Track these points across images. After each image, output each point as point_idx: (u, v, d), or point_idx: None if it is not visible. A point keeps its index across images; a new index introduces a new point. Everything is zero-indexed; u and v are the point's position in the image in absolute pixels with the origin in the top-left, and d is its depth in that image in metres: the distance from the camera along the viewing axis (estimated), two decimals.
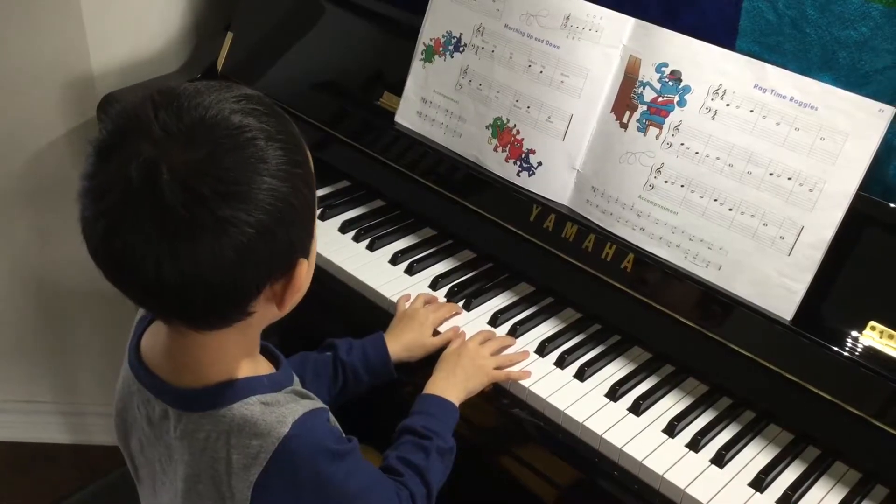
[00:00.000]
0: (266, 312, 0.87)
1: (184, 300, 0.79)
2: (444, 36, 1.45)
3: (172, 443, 0.90)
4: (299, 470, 0.86)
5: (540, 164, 1.35)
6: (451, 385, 1.16)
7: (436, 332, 1.28)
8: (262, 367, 0.93)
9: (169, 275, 0.76)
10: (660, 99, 1.23)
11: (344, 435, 0.94)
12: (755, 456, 1.13)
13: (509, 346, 1.27)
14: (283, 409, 0.86)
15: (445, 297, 1.36)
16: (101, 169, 0.76)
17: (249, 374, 0.90)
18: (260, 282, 0.81)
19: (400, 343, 1.23)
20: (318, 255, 1.41)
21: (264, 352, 0.96)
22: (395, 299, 1.34)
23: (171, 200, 0.73)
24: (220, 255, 0.76)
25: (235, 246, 0.76)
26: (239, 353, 0.89)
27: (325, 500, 0.89)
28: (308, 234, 0.85)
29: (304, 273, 0.85)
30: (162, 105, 0.77)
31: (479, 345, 1.23)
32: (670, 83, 1.22)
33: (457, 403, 1.15)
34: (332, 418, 0.94)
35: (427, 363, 1.23)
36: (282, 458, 0.85)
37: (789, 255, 1.13)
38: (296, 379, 0.96)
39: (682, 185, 1.21)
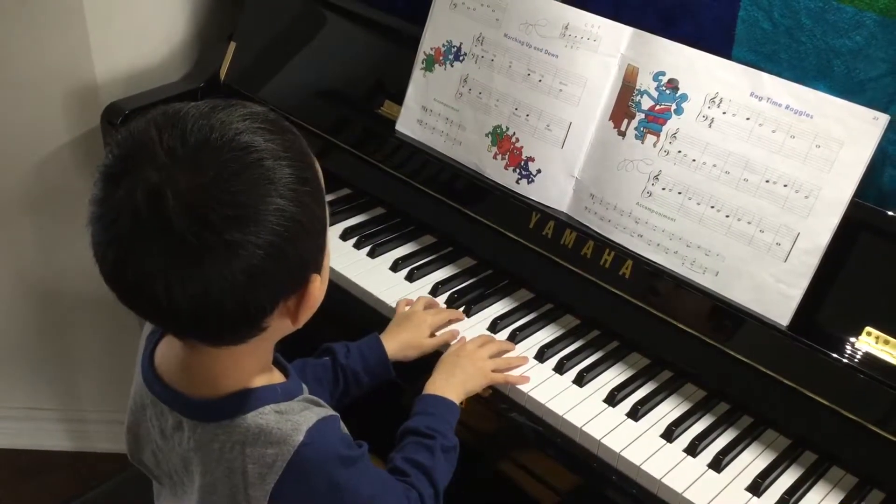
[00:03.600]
0: (280, 327, 0.87)
1: (197, 322, 0.80)
2: (444, 45, 1.46)
3: (186, 454, 0.90)
4: (314, 477, 0.87)
5: (539, 171, 1.36)
6: (451, 385, 1.17)
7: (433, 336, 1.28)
8: (276, 378, 0.94)
9: (181, 299, 0.76)
10: (657, 107, 1.25)
11: (354, 441, 0.95)
12: (752, 460, 1.14)
13: (508, 350, 1.28)
14: (298, 418, 0.87)
15: (445, 303, 1.37)
16: (109, 195, 0.76)
17: (263, 384, 0.90)
18: (272, 300, 0.81)
19: (396, 342, 1.24)
20: None
21: (272, 362, 0.96)
22: (395, 305, 1.35)
23: (178, 227, 0.73)
24: (231, 278, 0.76)
25: (245, 268, 0.76)
26: (253, 366, 0.90)
27: None
28: (319, 250, 0.85)
29: (317, 288, 0.85)
30: (166, 128, 0.77)
31: (479, 347, 1.24)
32: (667, 91, 1.24)
33: (457, 403, 1.15)
34: (343, 425, 0.95)
35: (427, 370, 1.23)
36: (297, 465, 0.85)
37: (785, 261, 1.15)
38: (305, 387, 0.96)
39: (680, 192, 1.23)
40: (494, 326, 1.32)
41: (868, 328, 1.10)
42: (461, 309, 1.36)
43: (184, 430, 0.89)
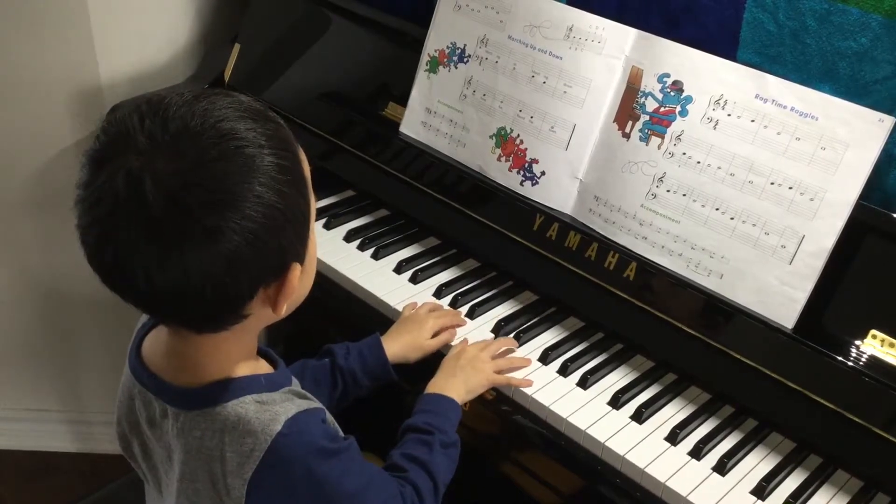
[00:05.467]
0: (262, 314, 0.87)
1: (176, 306, 0.81)
2: (448, 47, 1.46)
3: (170, 442, 0.91)
4: (292, 468, 0.87)
5: (543, 173, 1.36)
6: (452, 385, 1.17)
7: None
8: (262, 368, 0.95)
9: (159, 283, 0.77)
10: (662, 109, 1.24)
11: (342, 435, 0.94)
12: (757, 464, 1.14)
13: (512, 349, 1.28)
14: (277, 408, 0.87)
15: (449, 305, 1.37)
16: (93, 179, 0.78)
17: (248, 373, 0.91)
18: (251, 287, 0.82)
19: (397, 344, 1.24)
20: (324, 264, 1.42)
21: (262, 355, 0.97)
22: (399, 307, 1.35)
23: (156, 212, 0.75)
24: (209, 264, 0.77)
25: (224, 254, 0.77)
26: (237, 354, 0.91)
27: (319, 498, 0.89)
28: (300, 240, 0.85)
29: (297, 277, 0.85)
30: (148, 114, 0.78)
31: (481, 349, 1.24)
32: (672, 93, 1.24)
33: (458, 402, 1.15)
34: (330, 418, 0.95)
35: (430, 370, 1.23)
36: (274, 456, 0.85)
37: (790, 263, 1.14)
38: (295, 381, 0.97)
39: (684, 195, 1.22)
40: (498, 328, 1.32)
41: (873, 331, 1.10)
42: (465, 311, 1.35)
43: (168, 418, 0.90)
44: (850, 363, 1.09)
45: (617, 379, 1.25)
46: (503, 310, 1.37)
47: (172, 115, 0.77)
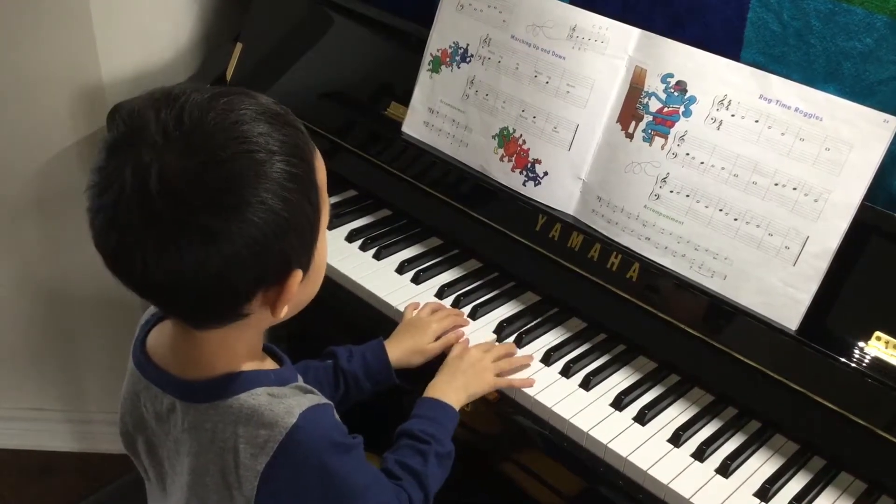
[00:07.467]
0: (263, 315, 0.87)
1: (171, 298, 0.82)
2: (450, 47, 1.46)
3: (180, 436, 0.91)
4: (306, 460, 0.87)
5: (546, 173, 1.36)
6: (452, 389, 1.16)
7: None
8: (268, 365, 0.95)
9: (155, 273, 0.78)
10: (665, 109, 1.24)
11: (349, 433, 0.94)
12: (760, 466, 1.13)
13: (512, 353, 1.27)
14: (291, 401, 0.88)
15: (451, 306, 1.36)
16: (105, 165, 0.78)
17: (255, 368, 0.91)
18: (248, 289, 0.82)
19: (400, 349, 1.24)
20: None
21: (266, 352, 0.97)
22: (401, 308, 1.35)
23: (158, 205, 0.75)
24: (206, 263, 0.77)
25: (222, 256, 0.77)
26: (242, 350, 0.91)
27: (329, 491, 0.89)
28: (304, 247, 0.85)
29: (296, 284, 0.85)
30: (164, 107, 0.78)
31: (483, 352, 1.23)
32: (676, 94, 1.23)
33: (457, 408, 1.15)
34: (337, 415, 0.95)
35: (432, 373, 1.23)
36: (289, 447, 0.86)
37: (794, 264, 1.14)
38: (299, 377, 0.97)
39: (688, 195, 1.22)
40: (501, 329, 1.31)
41: (877, 333, 1.09)
42: (467, 312, 1.35)
43: (177, 412, 0.90)
44: (854, 365, 1.08)
45: (620, 380, 1.25)
46: (505, 310, 1.37)
47: (189, 112, 0.78)
